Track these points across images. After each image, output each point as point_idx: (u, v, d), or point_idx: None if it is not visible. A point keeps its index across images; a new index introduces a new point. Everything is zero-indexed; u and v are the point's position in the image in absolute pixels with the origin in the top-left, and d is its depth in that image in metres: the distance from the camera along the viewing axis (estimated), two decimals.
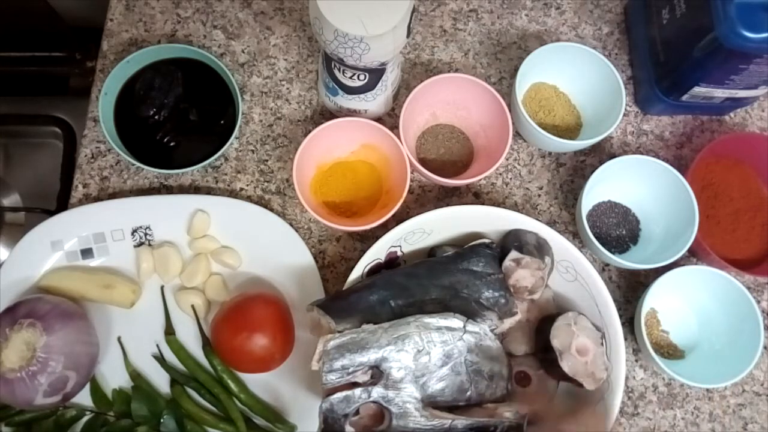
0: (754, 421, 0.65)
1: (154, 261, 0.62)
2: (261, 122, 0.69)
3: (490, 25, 0.75)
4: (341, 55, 0.54)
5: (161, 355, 0.62)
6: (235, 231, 0.63)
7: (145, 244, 0.63)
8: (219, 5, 0.72)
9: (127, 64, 0.64)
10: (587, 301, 0.59)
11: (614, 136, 0.72)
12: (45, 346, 0.53)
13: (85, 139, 0.68)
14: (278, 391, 0.61)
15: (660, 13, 0.67)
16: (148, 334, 0.62)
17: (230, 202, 0.63)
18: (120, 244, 0.63)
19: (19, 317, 0.54)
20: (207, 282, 0.63)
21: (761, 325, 0.60)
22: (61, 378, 0.54)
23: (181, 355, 0.61)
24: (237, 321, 0.57)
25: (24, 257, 0.61)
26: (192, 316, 0.62)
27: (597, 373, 0.55)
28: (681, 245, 0.62)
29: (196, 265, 0.62)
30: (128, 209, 0.63)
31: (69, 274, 0.61)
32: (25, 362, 0.52)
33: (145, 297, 0.63)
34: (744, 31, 0.55)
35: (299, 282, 0.63)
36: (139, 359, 0.61)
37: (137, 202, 0.63)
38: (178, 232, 0.63)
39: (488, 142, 0.67)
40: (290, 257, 0.63)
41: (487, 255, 0.57)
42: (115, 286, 0.61)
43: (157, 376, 0.61)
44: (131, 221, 0.63)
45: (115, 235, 0.63)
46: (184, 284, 0.63)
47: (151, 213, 0.63)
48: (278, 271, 0.63)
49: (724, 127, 0.74)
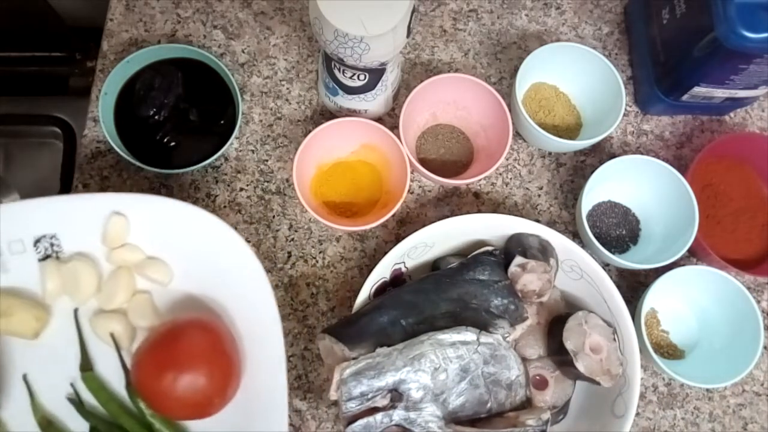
0: (754, 421, 0.65)
1: (63, 278, 0.50)
2: (261, 122, 0.69)
3: (490, 25, 0.75)
4: (341, 55, 0.54)
5: (78, 397, 0.50)
6: (163, 237, 0.51)
7: (52, 257, 0.51)
8: (219, 5, 0.72)
9: (127, 64, 0.64)
10: (595, 298, 0.59)
11: (614, 136, 0.72)
12: None
13: (85, 139, 0.68)
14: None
15: (660, 13, 0.67)
16: (61, 370, 0.50)
17: (151, 200, 0.50)
18: (20, 257, 0.50)
19: None
20: (130, 303, 0.51)
21: (761, 325, 0.60)
22: None
23: (102, 396, 0.49)
24: (163, 357, 0.46)
25: None
26: (112, 346, 0.50)
27: (612, 369, 0.55)
28: (681, 245, 0.62)
29: (116, 281, 0.51)
30: (27, 213, 0.49)
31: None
32: None
33: (54, 324, 0.51)
34: (744, 31, 0.55)
35: (247, 300, 0.50)
36: (50, 402, 0.49)
37: (37, 205, 0.50)
38: (92, 242, 0.51)
39: (488, 142, 0.67)
40: (234, 268, 0.50)
41: (492, 263, 0.57)
42: (13, 313, 0.48)
43: (74, 423, 0.49)
44: (32, 229, 0.50)
45: (13, 247, 0.49)
46: (101, 306, 0.51)
47: (56, 217, 0.50)
48: (219, 287, 0.51)
49: (724, 127, 0.74)
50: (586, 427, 0.58)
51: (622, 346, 0.57)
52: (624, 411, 0.55)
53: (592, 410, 0.59)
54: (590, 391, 0.59)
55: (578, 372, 0.55)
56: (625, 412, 0.55)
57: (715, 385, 0.61)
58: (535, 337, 0.59)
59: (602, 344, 0.56)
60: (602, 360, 0.55)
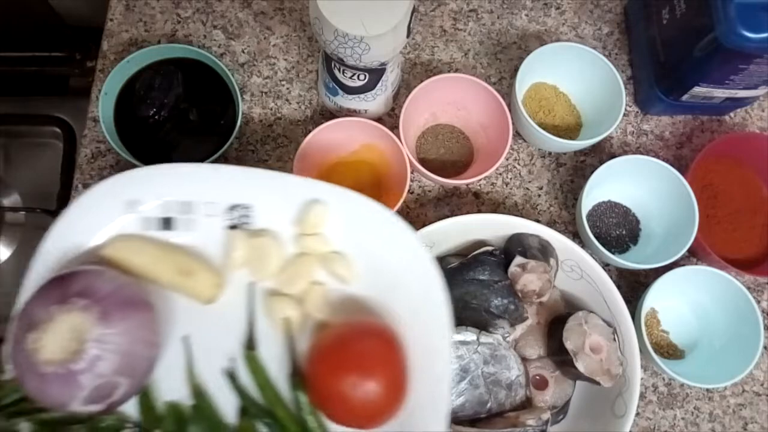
0: (754, 421, 0.65)
1: (249, 251, 0.48)
2: (261, 122, 0.69)
3: (490, 25, 0.75)
4: (341, 55, 0.54)
5: (234, 374, 0.47)
6: (353, 235, 0.49)
7: (239, 227, 0.49)
8: (219, 5, 0.72)
9: (127, 64, 0.64)
10: (595, 297, 0.59)
11: (614, 136, 0.72)
12: (98, 339, 0.40)
13: (85, 139, 0.68)
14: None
15: (660, 13, 0.67)
16: (222, 342, 0.47)
17: (359, 201, 0.49)
18: (209, 220, 0.48)
19: (71, 294, 0.40)
20: (308, 291, 0.49)
21: (761, 325, 0.60)
22: (110, 384, 0.41)
23: (260, 378, 0.47)
24: (346, 359, 0.44)
25: (86, 213, 0.46)
26: (282, 331, 0.48)
27: (612, 369, 0.55)
28: (681, 245, 0.62)
29: (299, 267, 0.49)
30: (230, 179, 0.48)
31: (141, 247, 0.47)
32: (68, 355, 0.39)
33: (225, 295, 0.49)
34: (744, 31, 0.55)
35: (419, 314, 0.48)
36: (204, 372, 0.47)
37: (243, 174, 0.48)
38: (284, 223, 0.49)
39: (488, 142, 0.67)
40: (413, 281, 0.48)
41: (492, 263, 0.57)
42: (195, 274, 0.47)
43: (224, 398, 0.47)
44: (231, 195, 0.48)
45: (207, 209, 0.48)
46: (279, 288, 0.49)
47: (255, 191, 0.48)
48: (393, 295, 0.48)
49: (724, 127, 0.74)
50: (586, 427, 0.58)
51: (622, 346, 0.57)
52: (624, 411, 0.55)
53: (592, 410, 0.59)
54: (590, 391, 0.59)
55: (578, 372, 0.55)
56: (625, 412, 0.55)
57: (715, 385, 0.61)
58: (535, 337, 0.59)
59: (602, 344, 0.56)
60: (602, 360, 0.55)
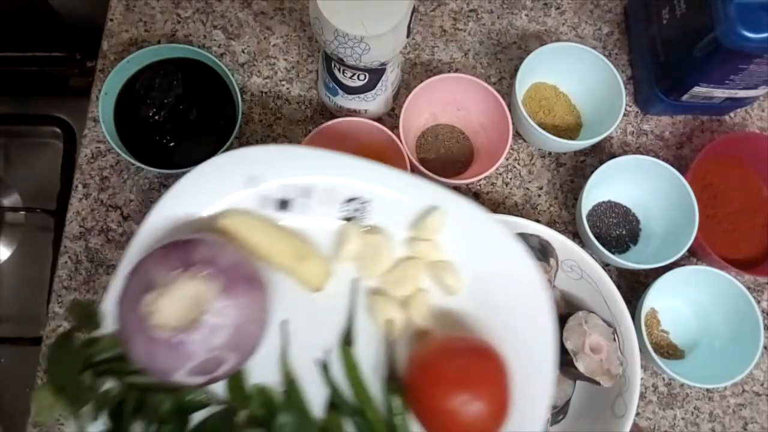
0: (754, 421, 0.65)
1: (362, 246, 0.48)
2: (261, 122, 0.69)
3: (490, 25, 0.75)
4: (341, 55, 0.54)
5: (327, 366, 0.46)
6: (468, 250, 0.48)
7: (352, 220, 0.49)
8: (219, 5, 0.72)
9: (127, 64, 0.64)
10: (595, 297, 0.59)
11: (614, 136, 0.72)
12: (217, 311, 0.38)
13: (85, 139, 0.68)
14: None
15: (660, 13, 0.67)
16: (319, 333, 0.47)
17: (479, 214, 0.47)
18: (326, 208, 0.48)
19: (195, 261, 0.39)
20: (413, 297, 0.48)
21: (761, 325, 0.60)
22: (218, 358, 0.39)
23: (353, 376, 0.46)
24: (458, 375, 0.42)
25: (206, 182, 0.46)
26: (383, 332, 0.47)
27: (612, 369, 0.55)
28: (681, 245, 0.62)
29: (408, 271, 0.48)
30: (353, 171, 0.47)
31: (259, 224, 0.46)
32: (184, 323, 0.38)
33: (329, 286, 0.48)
34: (744, 31, 0.55)
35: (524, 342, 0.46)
36: (297, 359, 0.46)
37: (367, 168, 0.48)
38: (399, 223, 0.48)
39: (488, 142, 0.67)
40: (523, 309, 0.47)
41: None
42: (309, 260, 0.46)
43: (313, 389, 0.46)
44: (352, 186, 0.47)
45: (324, 196, 0.48)
46: (384, 289, 0.48)
47: (378, 186, 0.48)
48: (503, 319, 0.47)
49: (724, 127, 0.74)
50: (586, 427, 0.58)
51: (622, 347, 0.57)
52: (624, 411, 0.55)
53: (592, 410, 0.59)
54: (590, 391, 0.59)
55: (578, 372, 0.55)
56: (625, 412, 0.55)
57: (715, 385, 0.61)
58: None
59: (602, 344, 0.56)
60: (602, 360, 0.55)
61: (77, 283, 0.64)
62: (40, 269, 0.91)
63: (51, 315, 0.63)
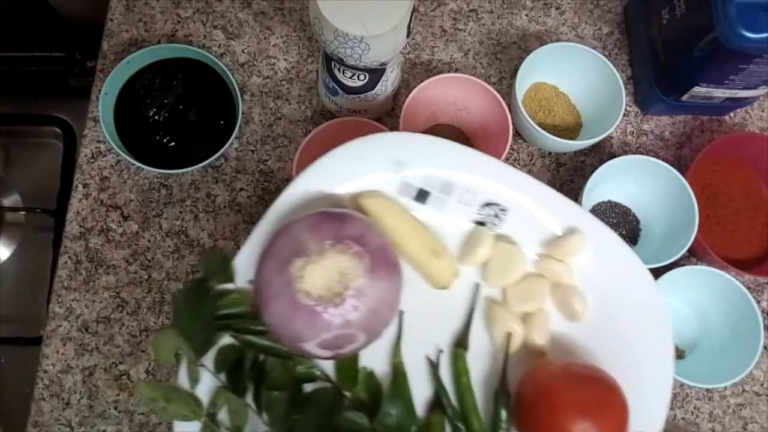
0: (754, 421, 0.65)
1: (494, 253, 0.47)
2: (261, 122, 0.69)
3: (490, 25, 0.75)
4: (341, 55, 0.54)
5: (436, 365, 0.46)
6: (599, 279, 0.47)
7: (486, 225, 0.48)
8: (219, 5, 0.73)
9: (127, 64, 0.64)
10: None
11: (614, 136, 0.72)
12: (360, 290, 0.38)
13: (85, 139, 0.68)
14: None
15: (660, 13, 0.67)
16: (433, 330, 0.46)
17: (617, 244, 0.47)
18: (461, 209, 0.47)
19: (346, 236, 0.39)
20: (535, 315, 0.47)
21: (761, 325, 0.60)
22: (350, 336, 0.39)
23: (461, 381, 0.45)
24: (582, 403, 0.41)
25: (354, 157, 0.46)
26: (499, 343, 0.47)
27: None
28: (681, 245, 0.62)
29: (534, 287, 0.47)
30: (498, 176, 0.47)
31: (399, 210, 0.46)
32: (330, 295, 0.38)
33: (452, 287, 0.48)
34: (744, 31, 0.55)
35: (642, 381, 0.45)
36: (407, 352, 0.46)
37: (513, 176, 0.47)
38: (533, 238, 0.48)
39: (488, 142, 0.67)
40: (644, 351, 0.46)
41: None
42: (441, 257, 0.46)
43: (418, 385, 0.45)
44: (492, 192, 0.47)
45: (464, 196, 0.47)
46: (507, 301, 0.47)
47: (521, 196, 0.47)
48: (624, 355, 0.46)
49: (724, 127, 0.74)
50: None
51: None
52: None
53: None
54: None
55: None
56: None
57: (715, 385, 0.61)
58: None
59: None
60: None
61: (77, 283, 0.64)
62: (40, 269, 0.91)
63: (51, 315, 0.63)
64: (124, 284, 0.64)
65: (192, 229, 0.66)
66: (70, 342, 0.62)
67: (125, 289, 0.64)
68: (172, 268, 0.65)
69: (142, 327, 0.63)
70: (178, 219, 0.66)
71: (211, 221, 0.66)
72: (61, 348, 0.62)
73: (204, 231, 0.66)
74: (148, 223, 0.66)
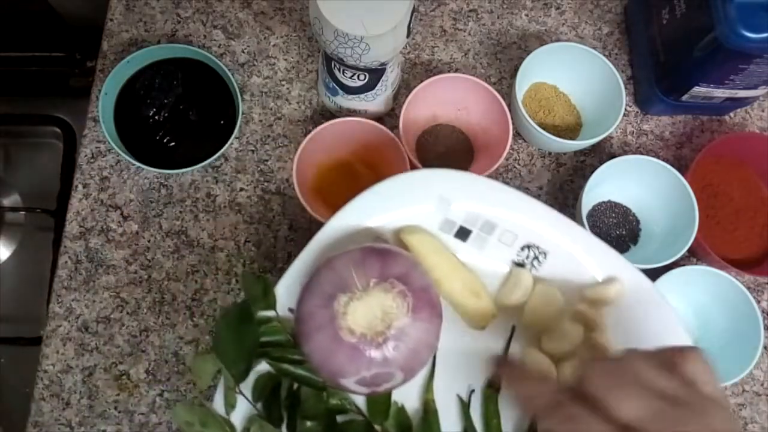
0: (754, 421, 0.65)
1: (532, 296, 0.47)
2: (261, 122, 0.69)
3: (490, 25, 0.75)
4: (341, 55, 0.54)
5: (467, 404, 0.46)
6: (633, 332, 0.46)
7: (525, 267, 0.48)
8: (219, 5, 0.72)
9: (127, 64, 0.64)
10: None
11: (614, 136, 0.72)
12: (401, 330, 0.38)
13: (85, 139, 0.68)
14: None
15: (660, 13, 0.67)
16: (466, 368, 0.46)
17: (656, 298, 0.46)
18: (501, 249, 0.47)
19: (391, 275, 0.39)
20: (567, 361, 0.46)
21: (761, 325, 0.60)
22: (389, 374, 0.39)
23: (492, 423, 0.45)
24: None
25: (400, 188, 0.46)
26: None
27: None
28: (681, 245, 0.62)
29: (569, 330, 0.46)
30: (544, 218, 0.47)
31: (441, 248, 0.46)
32: (372, 333, 0.38)
33: None
34: (744, 31, 0.55)
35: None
36: (439, 389, 0.46)
37: (557, 220, 0.47)
38: (570, 281, 0.47)
39: (488, 142, 0.67)
40: None
41: None
42: (481, 298, 0.46)
43: (448, 423, 0.45)
44: (533, 233, 0.47)
45: (504, 236, 0.47)
46: (543, 344, 0.47)
47: (563, 241, 0.47)
48: None
49: (724, 127, 0.74)
50: None
51: None
52: None
53: None
54: None
55: None
56: None
57: None
58: None
59: None
60: None
61: (77, 283, 0.64)
62: (40, 269, 0.91)
63: (51, 315, 0.63)
64: (124, 284, 0.64)
65: (192, 229, 0.66)
66: (70, 342, 0.62)
67: (125, 289, 0.64)
68: (172, 268, 0.65)
69: (142, 327, 0.63)
70: (178, 219, 0.66)
71: (211, 221, 0.66)
72: (61, 348, 0.62)
73: (204, 231, 0.66)
74: (148, 223, 0.66)
